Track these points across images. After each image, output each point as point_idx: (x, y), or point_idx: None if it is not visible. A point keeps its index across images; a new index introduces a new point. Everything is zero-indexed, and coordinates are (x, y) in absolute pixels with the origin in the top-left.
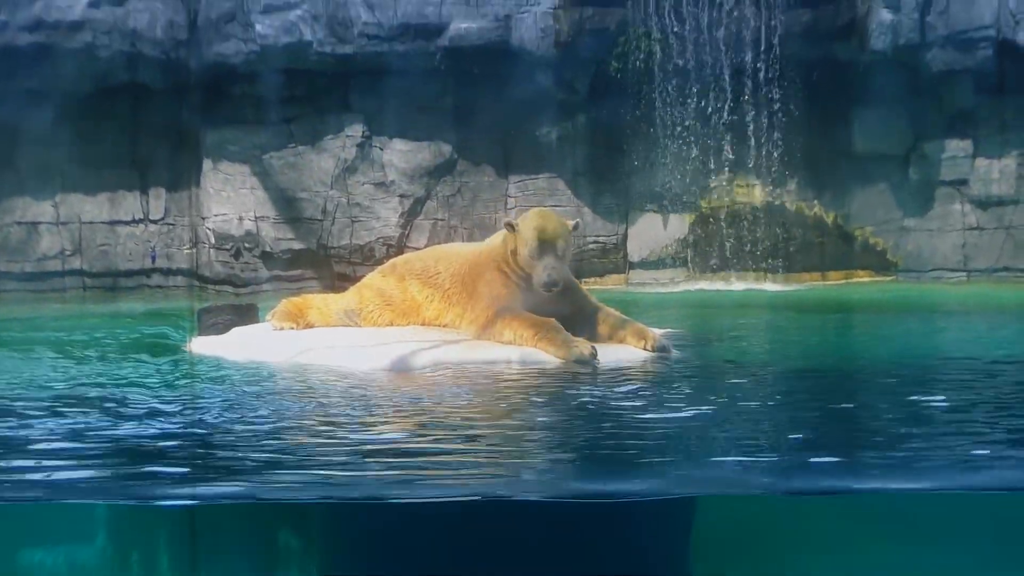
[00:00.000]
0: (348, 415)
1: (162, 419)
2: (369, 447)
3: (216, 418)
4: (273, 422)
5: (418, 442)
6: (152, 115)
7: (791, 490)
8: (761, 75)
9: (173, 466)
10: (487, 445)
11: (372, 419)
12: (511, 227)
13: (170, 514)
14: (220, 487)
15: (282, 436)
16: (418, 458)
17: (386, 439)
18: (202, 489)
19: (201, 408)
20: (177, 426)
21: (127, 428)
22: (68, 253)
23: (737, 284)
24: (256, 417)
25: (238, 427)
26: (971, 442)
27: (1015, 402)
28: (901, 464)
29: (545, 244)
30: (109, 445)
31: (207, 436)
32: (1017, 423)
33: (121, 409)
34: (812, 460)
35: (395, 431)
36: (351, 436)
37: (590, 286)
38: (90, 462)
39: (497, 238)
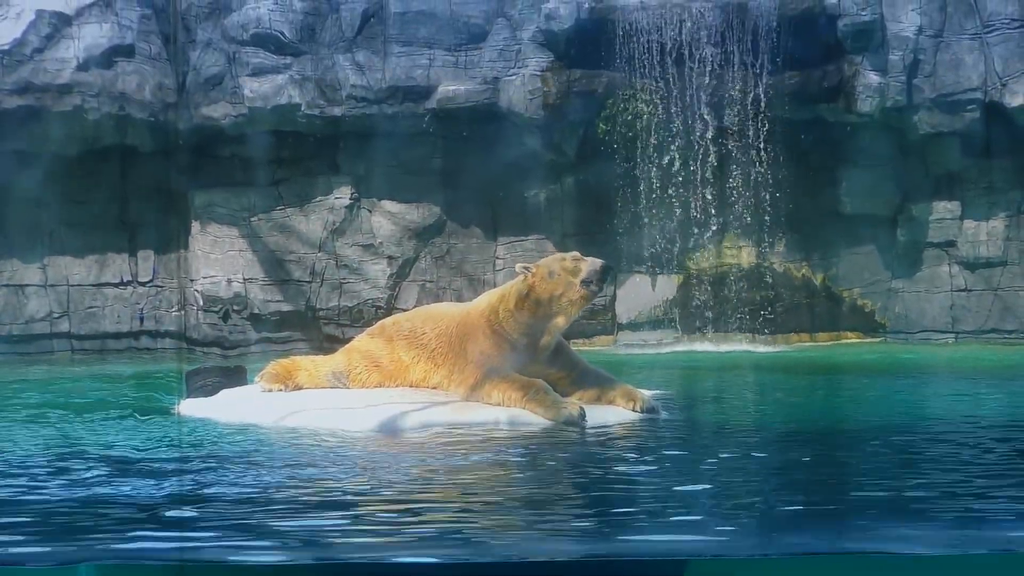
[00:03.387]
0: (336, 477)
1: (149, 480)
2: (359, 509)
3: (202, 479)
4: (261, 483)
5: (406, 504)
6: (140, 177)
7: (781, 552)
8: (749, 136)
9: (161, 527)
10: (472, 505)
11: (361, 480)
12: (527, 269)
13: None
14: (210, 547)
15: (271, 497)
16: (408, 520)
17: (376, 500)
18: (190, 550)
19: (187, 470)
20: (165, 487)
21: (114, 489)
22: (56, 316)
23: (725, 345)
24: (244, 478)
25: (226, 488)
26: (961, 504)
27: (1003, 465)
28: (890, 525)
29: (578, 258)
30: (95, 505)
31: (194, 497)
32: (1005, 485)
33: (108, 471)
34: (800, 521)
35: (385, 493)
36: (340, 498)
37: (579, 347)
38: (76, 524)
39: (485, 299)
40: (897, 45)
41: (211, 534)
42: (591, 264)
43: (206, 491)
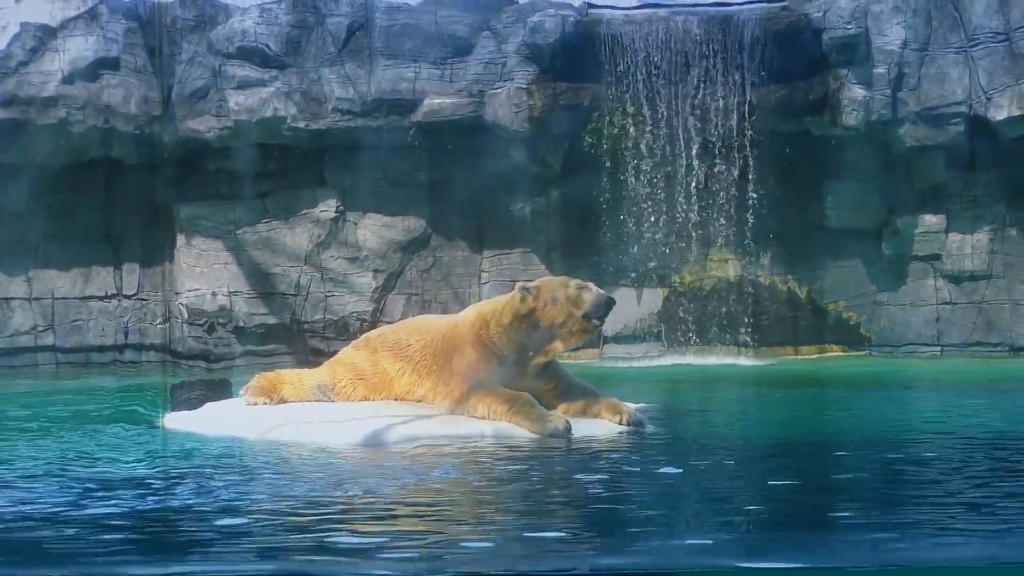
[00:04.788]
0: (319, 489)
1: (133, 494)
2: (338, 522)
3: (186, 493)
4: (245, 497)
5: (391, 516)
6: (126, 190)
7: (766, 564)
8: (734, 149)
9: (144, 542)
10: (456, 518)
11: (344, 493)
12: (527, 291)
13: None
14: (191, 564)
15: (253, 511)
16: (391, 532)
17: (359, 512)
18: (174, 566)
19: (171, 483)
20: (148, 502)
21: (97, 504)
22: (40, 329)
23: (711, 358)
24: (227, 492)
25: (208, 502)
26: (947, 516)
27: (987, 476)
28: (874, 540)
29: (583, 287)
30: (77, 520)
31: (176, 512)
32: (991, 497)
33: (91, 485)
34: (785, 535)
35: (367, 505)
36: (322, 511)
37: (564, 360)
38: (57, 536)
39: (473, 311)
40: (882, 59)
41: (195, 549)
42: (595, 298)
43: (188, 504)
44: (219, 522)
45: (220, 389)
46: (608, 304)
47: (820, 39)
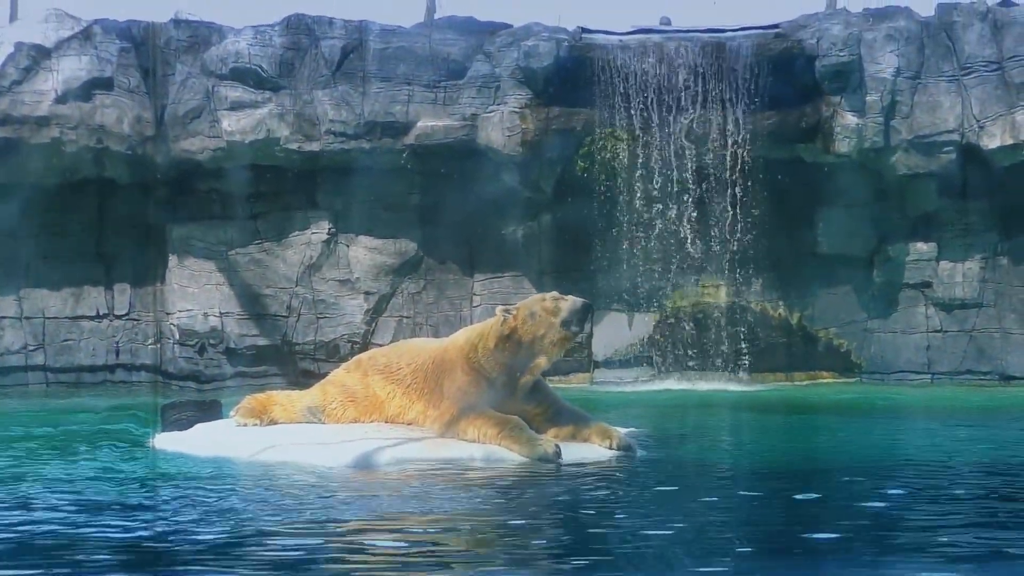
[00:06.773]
0: (310, 512)
1: (123, 516)
2: (332, 546)
3: (175, 516)
4: (234, 519)
5: (380, 542)
6: (118, 210)
7: None
8: (726, 176)
9: (129, 562)
10: (441, 542)
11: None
12: (508, 312)
13: None
14: None
15: (244, 534)
16: (382, 554)
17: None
18: None
19: (160, 505)
20: (137, 523)
21: (87, 525)
22: (31, 348)
23: (701, 384)
24: (217, 514)
25: (198, 525)
26: (936, 548)
27: (974, 507)
28: (865, 566)
29: (558, 297)
30: (68, 542)
31: (165, 534)
32: (976, 530)
33: (80, 506)
34: (776, 562)
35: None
36: (314, 534)
37: (555, 384)
38: (45, 560)
39: (463, 335)
40: (875, 86)
41: (180, 569)
42: (571, 304)
43: (175, 525)
44: (204, 542)
45: (211, 410)
46: (584, 308)
47: (813, 66)
